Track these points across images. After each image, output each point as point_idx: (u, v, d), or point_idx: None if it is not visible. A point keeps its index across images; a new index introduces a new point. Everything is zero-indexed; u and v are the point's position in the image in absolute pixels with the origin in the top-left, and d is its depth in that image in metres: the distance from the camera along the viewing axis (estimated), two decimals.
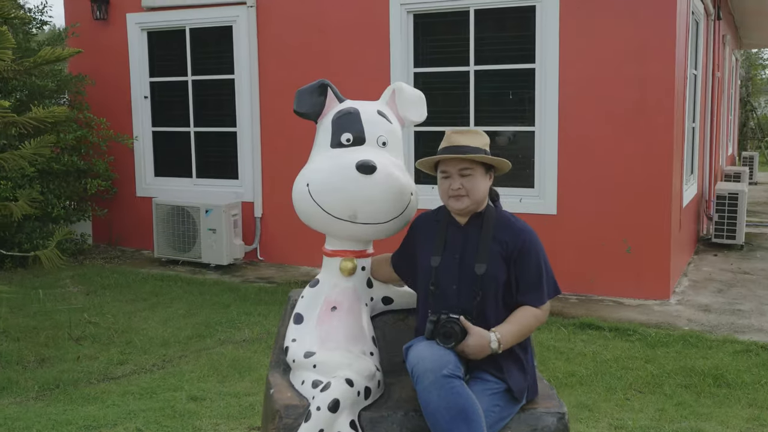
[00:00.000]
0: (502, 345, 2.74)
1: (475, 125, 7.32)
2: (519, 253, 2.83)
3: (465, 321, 2.72)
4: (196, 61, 8.60)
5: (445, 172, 2.86)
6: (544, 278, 2.87)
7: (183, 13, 8.48)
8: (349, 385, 2.69)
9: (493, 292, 2.83)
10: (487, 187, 2.90)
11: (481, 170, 2.85)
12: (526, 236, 2.87)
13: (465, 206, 2.85)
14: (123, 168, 8.95)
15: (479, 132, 2.93)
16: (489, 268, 2.81)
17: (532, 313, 2.85)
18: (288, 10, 7.97)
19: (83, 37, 8.98)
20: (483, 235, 2.86)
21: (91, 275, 7.63)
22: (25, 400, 4.39)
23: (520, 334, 2.82)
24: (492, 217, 2.90)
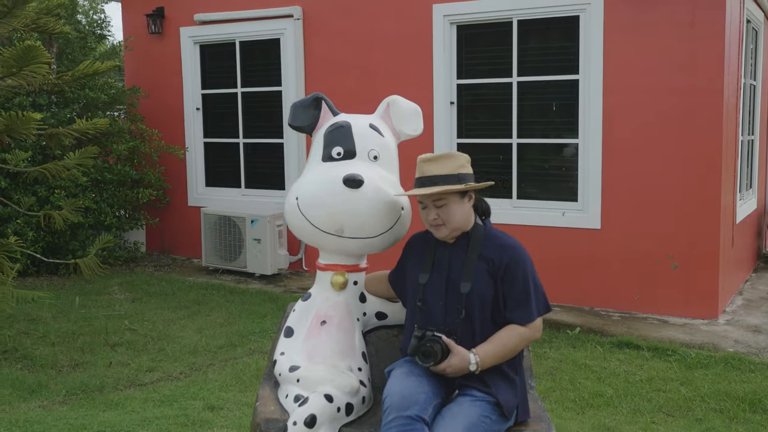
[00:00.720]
0: (480, 366, 2.71)
1: (518, 137, 7.22)
2: (505, 269, 2.79)
3: (447, 340, 2.69)
4: (246, 73, 8.75)
5: (422, 202, 2.86)
6: (532, 295, 2.81)
7: (233, 26, 8.64)
8: (328, 400, 2.68)
9: (479, 311, 2.78)
10: (466, 210, 2.86)
11: (456, 197, 2.82)
12: (513, 252, 2.82)
13: (445, 234, 2.85)
14: (175, 178, 9.16)
15: (451, 155, 2.88)
16: (474, 287, 2.77)
17: (517, 332, 2.78)
18: (333, 23, 8.03)
19: (139, 50, 9.26)
20: (469, 253, 2.83)
21: (139, 283, 7.82)
22: (51, 404, 4.51)
23: (501, 354, 2.76)
24: (479, 236, 2.87)
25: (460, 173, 2.83)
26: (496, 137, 7.37)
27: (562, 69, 7.02)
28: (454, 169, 2.83)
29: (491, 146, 7.42)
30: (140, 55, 9.32)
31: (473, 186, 2.83)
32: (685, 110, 6.47)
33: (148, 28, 9.07)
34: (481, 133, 7.50)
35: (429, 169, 2.82)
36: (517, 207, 7.29)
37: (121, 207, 8.59)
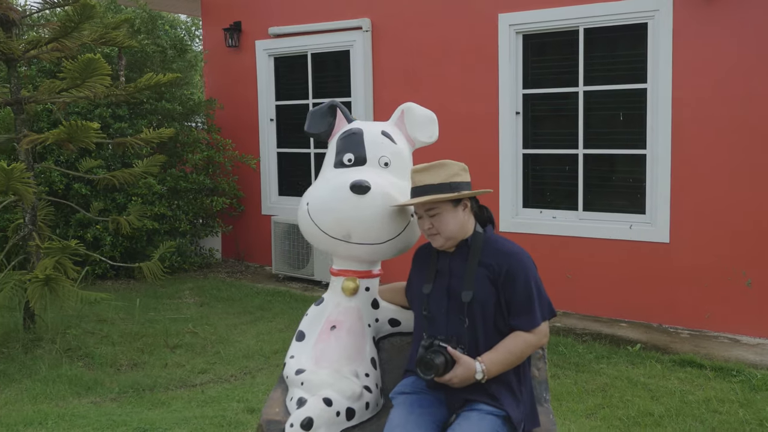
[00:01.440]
0: (486, 375, 2.67)
1: (585, 147, 7.06)
2: (506, 276, 2.75)
3: (452, 350, 2.67)
4: (317, 84, 8.90)
5: (418, 213, 2.85)
6: (536, 301, 2.76)
7: (305, 39, 8.82)
8: (327, 404, 2.69)
9: (481, 319, 2.76)
10: (462, 218, 2.84)
11: (449, 206, 2.81)
12: (513, 259, 2.78)
13: (440, 244, 2.85)
14: (250, 187, 9.40)
15: (445, 164, 2.85)
16: (476, 295, 2.75)
17: (522, 339, 2.74)
18: (401, 34, 8.08)
19: (217, 63, 9.58)
20: (469, 261, 2.81)
21: (209, 288, 8.05)
22: (103, 400, 4.71)
23: (507, 362, 2.72)
24: (479, 243, 2.84)
25: (453, 182, 2.81)
26: (562, 147, 7.24)
27: (629, 78, 6.83)
28: (446, 178, 2.81)
29: (557, 157, 7.29)
30: (218, 67, 9.64)
31: (465, 194, 2.81)
32: (759, 119, 6.18)
33: (226, 41, 9.36)
34: (546, 144, 7.38)
35: (421, 179, 2.81)
36: (582, 219, 7.13)
37: (195, 215, 8.87)
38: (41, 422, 4.11)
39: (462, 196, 2.83)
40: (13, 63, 5.45)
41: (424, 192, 2.79)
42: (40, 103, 5.81)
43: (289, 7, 8.91)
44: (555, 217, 7.29)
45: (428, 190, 2.79)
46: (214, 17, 9.64)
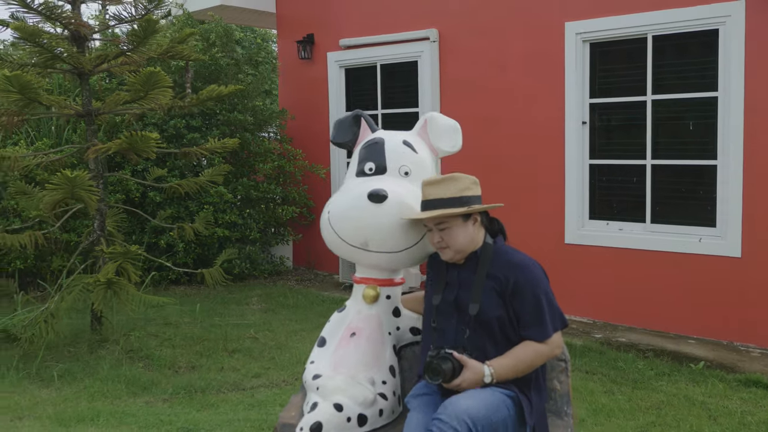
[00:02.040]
0: (496, 378, 2.67)
1: (653, 158, 6.87)
2: (514, 287, 2.74)
3: (459, 356, 2.67)
4: (386, 95, 8.98)
5: (427, 225, 2.86)
6: (546, 311, 2.73)
7: (374, 50, 8.91)
8: (337, 409, 2.73)
9: (488, 331, 2.75)
10: (471, 232, 2.84)
11: (458, 220, 2.82)
12: (521, 270, 2.76)
13: (451, 256, 2.86)
14: (321, 196, 9.54)
15: (455, 177, 2.86)
16: (482, 307, 2.75)
17: (533, 348, 2.71)
18: (467, 45, 8.07)
19: (290, 75, 9.79)
20: (477, 273, 2.80)
21: (276, 295, 8.21)
22: (156, 401, 4.87)
23: (516, 368, 2.71)
24: (488, 255, 2.83)
25: (464, 196, 2.82)
26: (630, 158, 7.06)
27: (699, 86, 6.61)
28: (456, 192, 2.82)
29: (624, 167, 7.11)
30: (292, 79, 9.85)
31: (475, 209, 2.80)
32: None
33: (299, 53, 9.56)
34: (613, 154, 7.21)
35: (431, 193, 2.83)
36: (650, 232, 6.92)
37: (266, 223, 9.06)
38: (93, 419, 4.29)
39: (472, 211, 2.83)
40: (84, 76, 5.74)
41: (434, 206, 2.80)
42: (114, 115, 6.06)
43: (359, 19, 9.03)
44: (621, 229, 7.11)
45: (438, 204, 2.80)
46: (288, 30, 9.86)
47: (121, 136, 5.08)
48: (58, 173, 4.78)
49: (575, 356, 5.94)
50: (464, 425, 2.47)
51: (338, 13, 9.29)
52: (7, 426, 4.22)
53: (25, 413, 4.45)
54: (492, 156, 7.84)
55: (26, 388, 4.94)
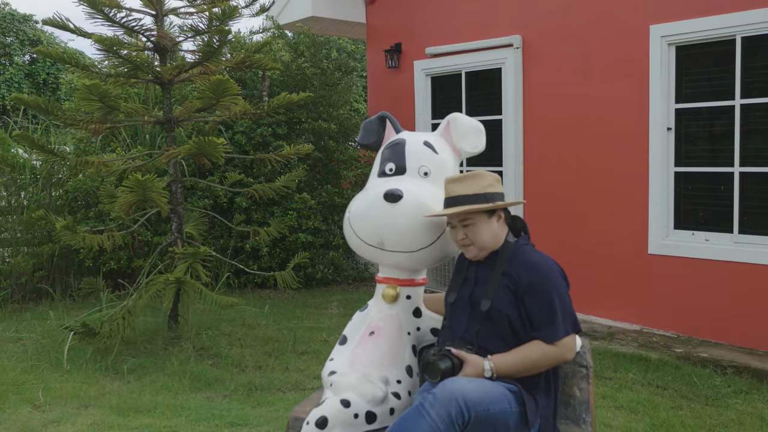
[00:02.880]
0: (496, 373, 2.64)
1: (741, 166, 6.54)
2: (528, 287, 2.70)
3: (458, 351, 2.66)
4: (471, 102, 8.95)
5: (450, 222, 2.85)
6: (558, 313, 2.68)
7: (459, 57, 8.90)
8: (344, 405, 2.76)
9: (499, 329, 2.72)
10: (495, 229, 2.83)
11: (482, 216, 2.80)
12: (536, 270, 2.72)
13: (474, 254, 2.85)
14: None
15: (478, 174, 2.84)
16: (494, 304, 2.73)
17: (540, 347, 2.67)
18: (551, 51, 7.94)
19: (378, 84, 9.91)
20: (495, 270, 2.78)
21: (356, 300, 8.31)
22: (216, 396, 5.04)
23: (520, 365, 2.67)
24: (507, 253, 2.81)
25: (488, 192, 2.81)
26: (717, 165, 6.74)
27: None
28: (480, 189, 2.81)
29: (711, 175, 6.80)
30: (379, 88, 9.97)
31: (500, 205, 2.78)
32: None
33: (387, 62, 9.67)
34: (700, 161, 6.90)
35: (455, 189, 2.82)
36: (738, 243, 6.58)
37: None
38: (150, 410, 4.50)
39: (497, 207, 2.82)
40: (165, 86, 6.03)
41: (458, 202, 2.80)
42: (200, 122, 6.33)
43: (445, 27, 9.05)
44: (708, 240, 6.79)
45: (462, 200, 2.80)
46: (377, 40, 9.99)
47: (190, 142, 5.30)
48: (129, 176, 5.04)
49: (648, 370, 5.73)
50: (455, 405, 2.44)
51: (425, 21, 9.34)
52: (72, 413, 4.48)
53: (91, 402, 4.71)
54: (574, 163, 7.68)
55: (98, 379, 5.22)
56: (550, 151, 7.99)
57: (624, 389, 5.34)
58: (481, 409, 2.49)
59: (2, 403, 4.67)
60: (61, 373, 5.31)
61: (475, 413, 2.47)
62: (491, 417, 2.52)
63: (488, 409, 2.52)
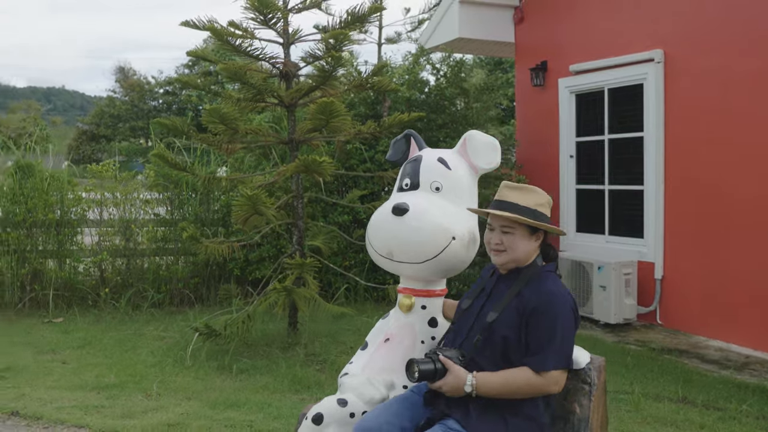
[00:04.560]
0: (476, 390, 2.68)
1: None
2: (532, 312, 2.71)
3: (444, 359, 2.74)
4: (613, 120, 8.73)
5: (491, 225, 2.90)
6: (554, 345, 2.67)
7: (601, 74, 8.73)
8: (340, 404, 2.95)
9: (494, 345, 2.75)
10: (531, 247, 2.85)
11: (525, 230, 2.83)
12: (549, 298, 2.72)
13: (503, 261, 2.87)
14: None
15: (535, 190, 2.87)
16: (500, 318, 2.77)
17: (526, 375, 2.67)
18: (693, 64, 7.59)
19: (525, 102, 9.92)
20: (511, 288, 2.82)
21: None
22: (310, 398, 5.31)
23: (502, 387, 2.69)
24: (529, 274, 2.83)
25: (537, 210, 2.84)
26: None
27: None
28: (532, 204, 2.85)
29: None
30: (526, 106, 9.97)
31: (545, 226, 2.82)
32: None
33: (532, 81, 9.66)
34: None
35: (509, 195, 2.87)
36: None
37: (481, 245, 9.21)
38: (239, 406, 4.88)
39: (541, 227, 2.85)
40: (289, 109, 6.51)
41: (508, 208, 2.84)
42: (326, 142, 6.75)
43: (588, 43, 8.92)
44: None
45: (512, 208, 2.84)
46: (525, 58, 10.01)
47: (297, 160, 5.70)
48: (240, 191, 5.53)
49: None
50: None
51: (570, 38, 9.25)
52: (173, 403, 4.97)
53: (194, 395, 5.20)
54: (717, 181, 7.29)
55: (210, 376, 5.72)
56: (692, 169, 7.63)
57: (729, 420, 5.03)
58: None
59: (120, 390, 5.29)
60: (180, 369, 5.88)
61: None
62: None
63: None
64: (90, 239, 8.74)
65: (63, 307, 8.16)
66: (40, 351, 6.51)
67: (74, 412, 4.63)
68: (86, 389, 5.31)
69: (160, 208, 8.93)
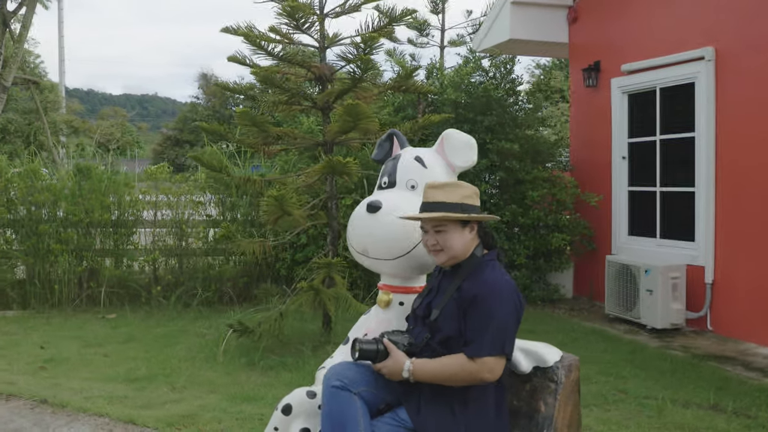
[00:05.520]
0: (414, 376, 2.73)
1: None
2: (471, 302, 2.76)
3: (387, 343, 2.80)
4: (665, 120, 8.52)
5: (424, 227, 2.94)
6: (490, 332, 2.70)
7: (652, 73, 8.53)
8: (309, 396, 3.04)
9: (441, 339, 2.80)
10: (466, 239, 2.89)
11: (456, 225, 2.87)
12: (486, 288, 2.76)
13: (443, 260, 2.92)
14: (601, 225, 9.33)
15: (458, 184, 2.91)
16: (442, 314, 2.82)
17: (459, 361, 2.72)
18: (746, 62, 7.34)
19: (579, 103, 9.78)
20: (453, 282, 2.85)
21: (533, 319, 8.22)
22: None
23: (437, 373, 2.75)
24: (469, 267, 2.87)
25: (465, 203, 2.88)
26: None
27: None
28: (458, 199, 2.88)
29: None
30: (579, 107, 9.83)
31: (474, 217, 2.85)
32: None
33: (585, 81, 9.52)
34: None
35: (433, 195, 2.92)
36: None
37: (536, 250, 9.13)
38: (256, 400, 5.01)
39: (471, 218, 2.89)
40: (324, 111, 6.62)
41: (434, 208, 2.89)
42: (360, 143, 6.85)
43: (640, 42, 8.73)
44: None
45: (439, 207, 2.89)
46: (579, 59, 9.87)
47: (324, 161, 5.80)
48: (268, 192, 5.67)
49: None
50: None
51: (622, 36, 9.08)
52: (195, 396, 5.15)
53: (217, 389, 5.35)
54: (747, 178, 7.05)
55: (236, 371, 5.88)
56: (745, 169, 7.38)
57: (757, 428, 4.86)
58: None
59: (148, 383, 5.51)
60: (212, 364, 6.07)
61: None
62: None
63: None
64: (144, 239, 9.09)
65: (117, 304, 8.52)
66: (87, 344, 6.82)
67: (98, 402, 4.85)
68: (117, 381, 5.55)
69: (212, 210, 9.21)
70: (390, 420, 2.78)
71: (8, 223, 8.67)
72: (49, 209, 8.66)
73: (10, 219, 8.64)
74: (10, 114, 36.83)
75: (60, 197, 8.65)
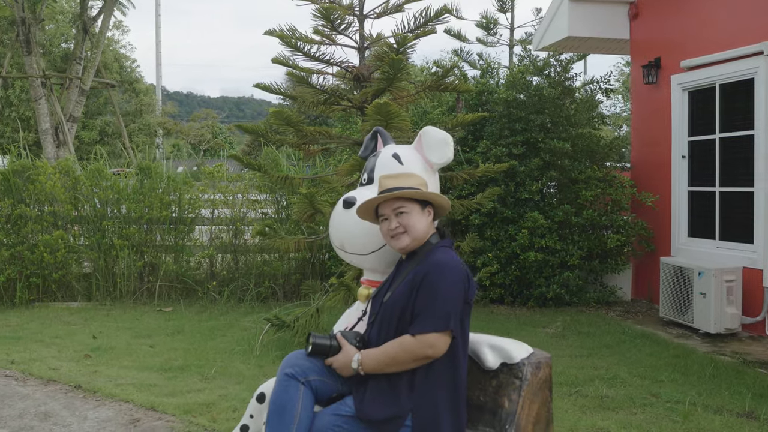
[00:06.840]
0: (363, 367, 2.79)
1: None
2: (421, 281, 2.81)
3: (340, 337, 2.87)
4: (724, 118, 8.22)
5: (383, 214, 3.00)
6: (434, 309, 2.74)
7: (712, 69, 8.25)
8: None
9: (393, 322, 2.85)
10: (425, 222, 2.94)
11: (417, 207, 2.93)
12: (435, 268, 2.81)
13: (405, 244, 2.95)
14: (661, 226, 9.08)
15: (411, 174, 2.98)
16: (393, 296, 2.88)
17: (401, 342, 2.78)
18: None
19: (639, 100, 9.55)
20: (406, 268, 2.91)
21: (582, 323, 8.06)
22: None
23: (383, 360, 2.80)
24: (423, 252, 2.92)
25: (419, 189, 2.95)
26: None
27: None
28: (413, 185, 2.97)
29: None
30: (639, 105, 9.59)
31: (432, 194, 2.91)
32: None
33: (644, 78, 9.29)
34: None
35: (389, 183, 2.99)
36: None
37: (590, 250, 8.96)
38: None
39: (429, 195, 2.95)
40: (362, 111, 6.71)
41: (392, 192, 2.96)
42: None
43: (699, 37, 8.47)
44: None
45: (396, 190, 2.96)
46: (640, 55, 9.64)
47: (351, 160, 5.88)
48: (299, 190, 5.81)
49: None
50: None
51: (682, 32, 8.82)
52: (220, 386, 5.33)
53: (244, 380, 5.51)
54: None
55: (268, 364, 6.02)
56: None
57: None
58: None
59: (181, 372, 5.72)
60: (247, 357, 6.25)
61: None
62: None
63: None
64: (202, 236, 9.42)
65: (175, 298, 8.86)
66: (137, 335, 7.13)
67: (128, 389, 5.09)
68: (152, 370, 5.80)
69: (268, 209, 9.45)
70: (334, 409, 2.85)
71: (75, 220, 9.14)
72: (113, 206, 9.09)
73: (77, 216, 9.11)
74: (108, 117, 38.62)
75: (123, 195, 9.07)
